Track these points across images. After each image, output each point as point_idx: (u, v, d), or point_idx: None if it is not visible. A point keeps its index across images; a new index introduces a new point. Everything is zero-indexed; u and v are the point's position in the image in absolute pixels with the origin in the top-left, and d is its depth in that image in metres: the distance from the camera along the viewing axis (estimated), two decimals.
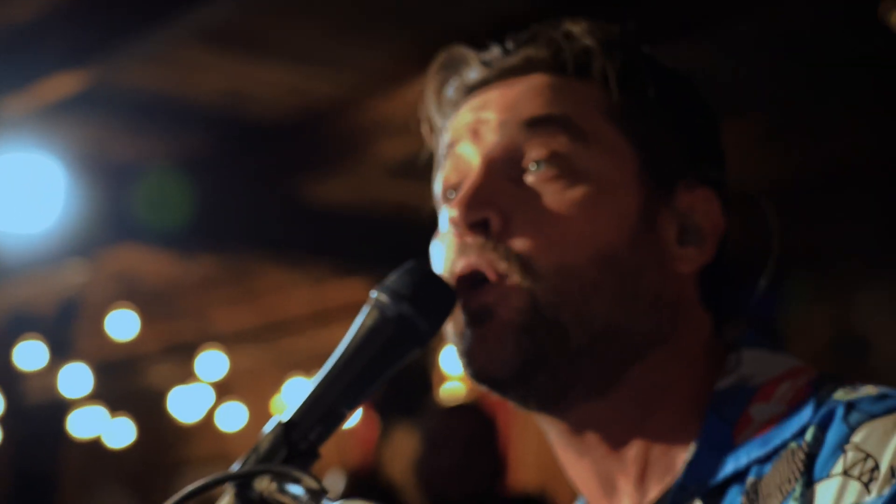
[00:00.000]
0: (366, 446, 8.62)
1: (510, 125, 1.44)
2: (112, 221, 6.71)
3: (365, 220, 7.67)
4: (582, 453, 1.46)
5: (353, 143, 6.50)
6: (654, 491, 1.43)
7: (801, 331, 6.73)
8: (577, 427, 1.45)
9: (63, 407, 9.72)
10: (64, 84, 5.53)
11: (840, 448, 1.28)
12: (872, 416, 1.29)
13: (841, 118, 6.20)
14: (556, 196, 1.41)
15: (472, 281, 1.41)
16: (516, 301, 1.38)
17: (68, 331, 9.08)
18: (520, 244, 1.40)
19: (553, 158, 1.42)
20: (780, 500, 1.30)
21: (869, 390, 1.35)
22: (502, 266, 1.39)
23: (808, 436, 1.31)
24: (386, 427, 8.43)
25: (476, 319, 1.40)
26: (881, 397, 1.32)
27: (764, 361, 1.45)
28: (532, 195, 1.42)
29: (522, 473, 8.05)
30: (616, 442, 1.44)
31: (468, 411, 5.06)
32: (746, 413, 1.40)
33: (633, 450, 1.44)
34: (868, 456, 1.26)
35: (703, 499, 1.36)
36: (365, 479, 4.95)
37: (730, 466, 1.36)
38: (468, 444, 4.56)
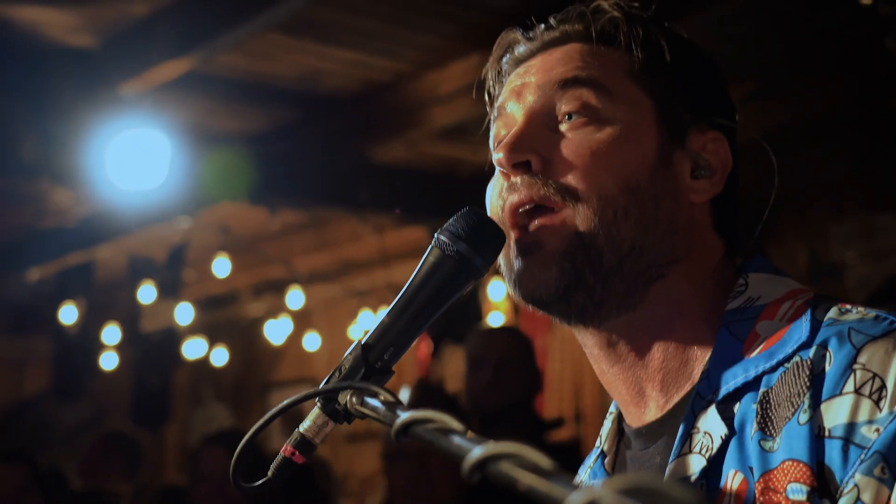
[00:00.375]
0: (422, 366, 8.65)
1: (547, 86, 1.45)
2: (211, 183, 6.73)
3: (419, 176, 7.65)
4: (614, 362, 1.46)
5: (410, 110, 6.47)
6: (676, 397, 1.43)
7: (784, 260, 6.71)
8: (611, 338, 1.45)
9: (173, 335, 9.80)
10: (171, 69, 5.54)
11: (849, 367, 1.25)
12: (874, 338, 1.26)
13: (812, 81, 6.13)
14: (588, 138, 1.41)
15: (524, 211, 1.41)
16: (562, 230, 1.38)
17: (177, 273, 9.14)
18: (561, 177, 1.40)
19: (582, 109, 1.42)
20: (791, 410, 1.27)
21: (862, 312, 1.33)
22: (548, 194, 1.39)
23: (812, 353, 1.29)
24: (437, 349, 8.45)
25: (526, 251, 1.40)
26: (877, 319, 1.30)
27: (768, 284, 1.44)
28: (568, 139, 1.42)
29: (556, 391, 8.06)
30: (642, 352, 1.44)
31: (502, 333, 4.98)
32: (754, 330, 1.37)
33: (657, 359, 1.44)
34: (875, 375, 1.23)
35: (717, 405, 1.34)
36: (432, 390, 4.90)
37: (740, 377, 1.34)
38: (500, 362, 4.48)
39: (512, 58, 1.54)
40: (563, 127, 1.43)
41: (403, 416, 1.07)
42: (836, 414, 1.23)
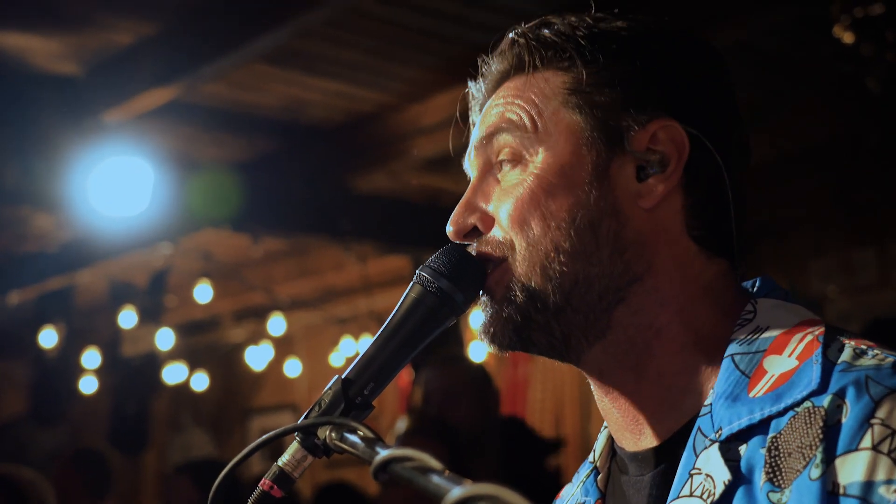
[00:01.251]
0: (402, 394, 8.63)
1: (482, 142, 1.43)
2: (192, 210, 6.72)
3: (401, 206, 7.66)
4: (606, 392, 1.41)
5: (393, 141, 6.49)
6: (675, 426, 1.36)
7: None
8: (594, 371, 1.41)
9: (154, 360, 9.76)
10: (155, 97, 5.55)
11: (867, 422, 1.17)
12: (893, 390, 1.18)
13: (793, 118, 6.18)
14: (514, 183, 1.38)
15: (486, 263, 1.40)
16: (504, 279, 1.38)
17: (158, 299, 9.11)
18: (498, 230, 1.39)
19: (509, 156, 1.40)
20: (801, 463, 1.18)
21: (879, 358, 1.24)
22: (490, 251, 1.39)
23: (826, 402, 1.20)
24: (418, 377, 8.43)
25: (484, 304, 1.41)
26: (895, 368, 1.22)
27: (778, 312, 1.35)
28: (501, 189, 1.41)
29: (537, 420, 8.06)
30: (629, 379, 1.38)
31: (451, 366, 4.88)
32: (761, 365, 1.29)
33: (646, 387, 1.37)
34: (894, 432, 1.15)
35: (721, 446, 1.26)
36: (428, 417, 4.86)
37: (744, 419, 1.25)
38: (445, 396, 4.46)
39: (474, 110, 1.53)
40: (500, 176, 1.43)
41: (382, 453, 1.08)
42: (851, 470, 1.15)
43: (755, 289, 1.41)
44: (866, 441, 1.16)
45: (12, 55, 5.59)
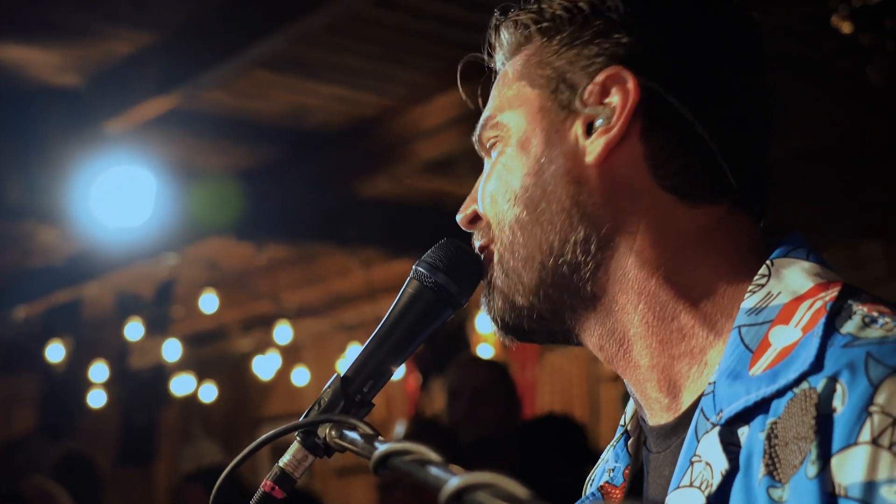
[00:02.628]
0: (411, 399, 8.63)
1: (479, 134, 1.41)
2: (196, 219, 6.73)
3: (406, 210, 7.67)
4: (619, 369, 1.33)
5: (395, 145, 6.50)
6: (687, 399, 1.26)
7: None
8: (595, 347, 1.34)
9: (161, 372, 9.78)
10: (156, 106, 5.56)
11: (865, 410, 1.04)
12: (895, 370, 1.05)
13: (797, 113, 6.17)
14: (492, 169, 1.37)
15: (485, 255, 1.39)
16: (490, 263, 1.37)
17: (165, 310, 9.13)
18: (484, 215, 1.39)
19: (493, 142, 1.38)
20: (798, 457, 1.07)
21: (889, 327, 1.10)
22: (480, 238, 1.39)
23: (821, 386, 1.08)
24: (426, 382, 8.45)
25: (484, 285, 1.40)
26: None
27: (793, 275, 1.22)
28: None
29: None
30: (627, 351, 1.30)
31: (478, 365, 4.93)
32: (766, 338, 1.17)
33: (645, 357, 1.28)
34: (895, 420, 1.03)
35: (720, 430, 1.16)
36: (426, 424, 4.88)
37: (741, 400, 1.15)
38: (475, 394, 4.46)
39: None
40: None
41: (381, 447, 1.07)
42: (851, 469, 1.03)
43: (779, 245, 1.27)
44: (865, 434, 1.04)
45: (12, 68, 5.60)
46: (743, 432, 1.14)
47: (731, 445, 1.15)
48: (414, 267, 1.40)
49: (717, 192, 1.27)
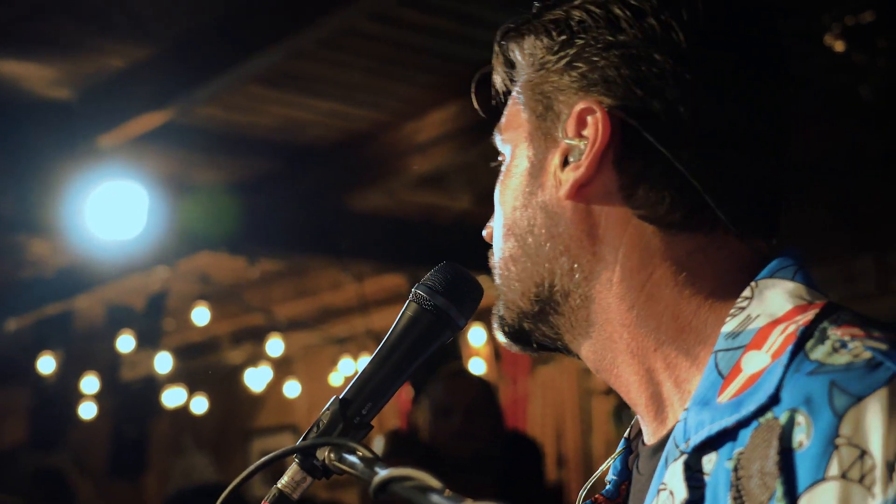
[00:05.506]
0: (401, 413, 8.62)
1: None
2: (188, 233, 6.73)
3: (398, 224, 7.68)
4: (615, 389, 1.32)
5: (389, 159, 6.51)
6: (666, 427, 1.24)
7: None
8: (591, 366, 1.33)
9: (153, 384, 9.76)
10: (149, 121, 5.56)
11: (831, 443, 1.00)
12: (859, 398, 1.01)
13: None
14: (498, 186, 1.36)
15: None
16: (498, 298, 1.36)
17: (156, 322, 9.12)
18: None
19: (500, 160, 1.38)
20: (764, 494, 1.02)
21: (857, 350, 1.05)
22: (493, 255, 1.38)
23: (783, 417, 1.04)
24: (418, 396, 8.43)
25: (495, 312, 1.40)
26: (869, 367, 1.03)
27: (774, 296, 1.17)
28: None
29: (538, 436, 8.05)
30: (619, 378, 1.28)
31: (467, 380, 4.81)
32: (738, 363, 1.13)
33: (636, 385, 1.26)
34: (864, 453, 0.99)
35: (686, 459, 1.13)
36: (405, 440, 4.83)
37: (704, 430, 1.11)
38: (468, 410, 4.38)
39: None
40: None
41: (382, 473, 1.07)
42: None
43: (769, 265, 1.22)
44: (833, 468, 0.99)
45: (5, 82, 5.60)
46: (710, 459, 1.11)
47: (697, 473, 1.11)
48: (413, 289, 1.40)
49: (699, 220, 1.22)
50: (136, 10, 4.96)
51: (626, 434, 1.40)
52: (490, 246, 1.40)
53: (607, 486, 1.39)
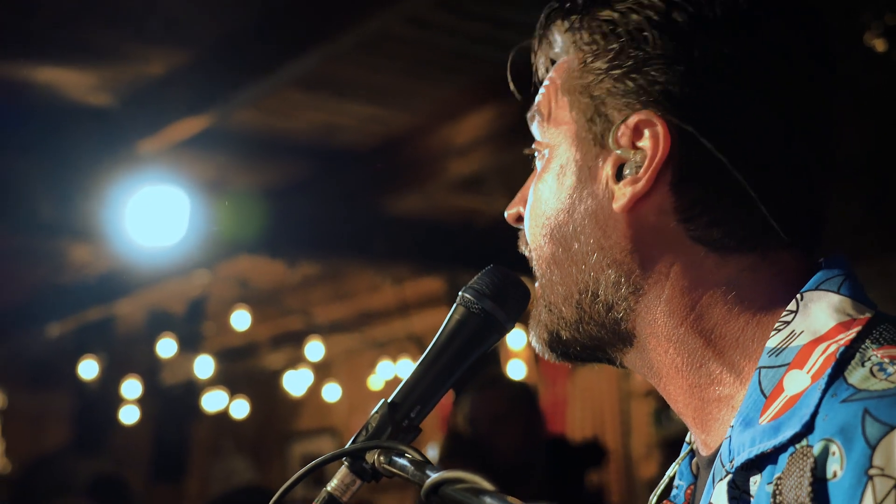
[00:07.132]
0: (442, 415, 8.63)
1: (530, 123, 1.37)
2: (228, 237, 6.77)
3: (436, 227, 7.68)
4: (665, 397, 1.30)
5: (426, 163, 6.51)
6: (717, 443, 1.22)
7: None
8: (643, 377, 1.31)
9: (193, 388, 9.82)
10: (189, 126, 5.59)
11: (864, 473, 0.98)
12: (892, 427, 0.98)
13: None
14: (533, 180, 1.34)
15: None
16: (538, 302, 1.34)
17: (196, 327, 9.17)
18: (525, 229, 1.36)
19: (536, 149, 1.35)
20: None
21: (892, 380, 1.02)
22: (526, 248, 1.36)
23: (817, 448, 1.02)
24: (458, 398, 8.43)
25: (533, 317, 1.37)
26: None
27: (818, 311, 1.15)
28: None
29: (578, 433, 8.03)
30: (667, 390, 1.27)
31: (495, 390, 4.75)
32: (780, 382, 1.11)
33: (685, 398, 1.25)
34: None
35: (731, 478, 1.12)
36: (463, 440, 4.82)
37: (745, 452, 1.10)
38: (493, 421, 4.38)
39: None
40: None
41: (433, 475, 1.07)
42: None
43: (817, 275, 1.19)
44: (867, 500, 0.96)
45: (47, 89, 5.65)
46: (755, 481, 1.10)
47: (744, 494, 1.11)
48: (460, 293, 1.39)
49: (754, 240, 1.20)
50: (172, 15, 4.99)
51: (687, 438, 1.38)
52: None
53: (674, 491, 1.38)
